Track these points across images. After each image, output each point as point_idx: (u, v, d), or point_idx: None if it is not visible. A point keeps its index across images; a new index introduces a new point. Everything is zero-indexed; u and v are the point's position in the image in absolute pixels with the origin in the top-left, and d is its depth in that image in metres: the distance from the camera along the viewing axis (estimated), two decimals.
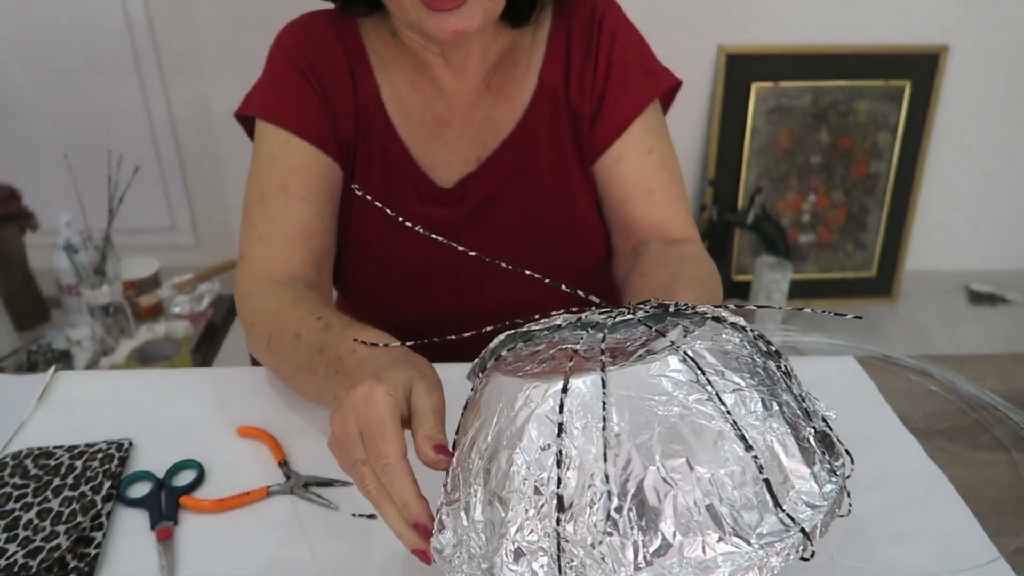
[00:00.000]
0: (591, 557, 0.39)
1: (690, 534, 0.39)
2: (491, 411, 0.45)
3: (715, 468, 0.40)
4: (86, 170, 1.54)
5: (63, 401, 0.79)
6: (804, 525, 0.40)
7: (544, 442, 0.41)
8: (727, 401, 0.41)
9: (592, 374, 0.42)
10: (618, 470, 0.39)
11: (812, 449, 0.43)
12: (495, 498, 0.43)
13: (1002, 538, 0.63)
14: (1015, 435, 0.76)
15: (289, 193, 0.82)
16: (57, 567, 0.59)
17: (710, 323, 0.47)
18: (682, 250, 0.83)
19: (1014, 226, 2.62)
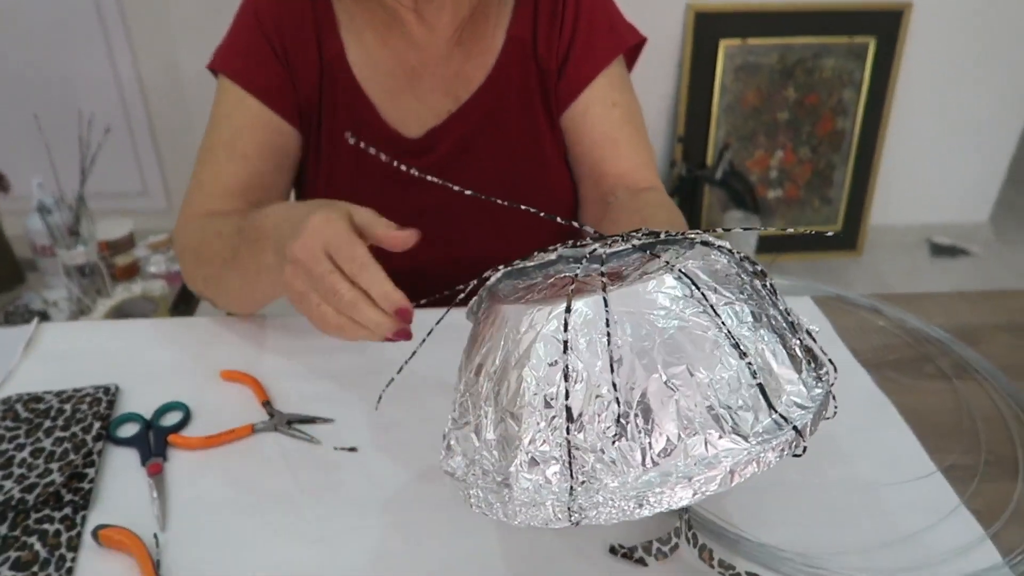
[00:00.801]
0: (601, 462, 0.42)
1: (693, 434, 0.42)
2: (497, 337, 0.48)
3: (713, 374, 0.43)
4: (56, 132, 1.53)
5: (48, 352, 0.82)
6: (796, 424, 0.43)
7: (551, 359, 0.44)
8: (721, 313, 0.45)
9: (594, 295, 0.45)
10: (623, 380, 0.43)
11: (799, 357, 0.47)
12: (507, 415, 0.46)
13: (939, 455, 0.69)
14: (956, 365, 0.81)
15: (235, 149, 0.85)
16: (53, 500, 0.62)
17: (699, 247, 0.50)
18: (649, 197, 0.86)
19: (974, 180, 2.70)
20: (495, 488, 0.46)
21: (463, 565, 0.58)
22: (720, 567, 0.57)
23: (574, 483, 0.43)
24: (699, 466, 0.41)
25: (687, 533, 0.59)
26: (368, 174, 0.91)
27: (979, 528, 0.62)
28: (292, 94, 0.87)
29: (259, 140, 0.86)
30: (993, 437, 0.72)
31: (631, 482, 0.42)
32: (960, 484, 0.66)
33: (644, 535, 0.60)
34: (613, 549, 0.60)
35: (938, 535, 0.61)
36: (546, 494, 0.43)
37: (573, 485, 0.43)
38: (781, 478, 0.66)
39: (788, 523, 0.62)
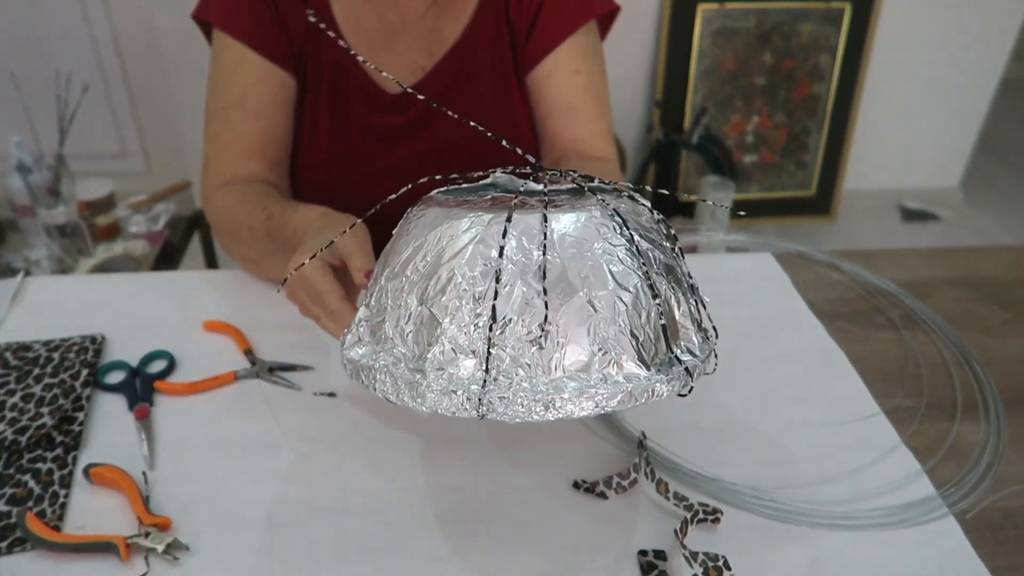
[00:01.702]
0: (516, 363, 0.45)
1: (604, 353, 0.46)
2: (432, 235, 0.50)
3: (629, 304, 0.47)
4: (33, 92, 1.53)
5: (34, 304, 0.84)
6: (687, 365, 0.48)
7: (486, 261, 0.47)
8: (643, 252, 0.49)
9: (535, 212, 0.49)
10: (550, 292, 0.46)
11: (694, 316, 0.52)
12: (433, 306, 0.47)
13: (883, 398, 0.73)
14: (906, 317, 0.86)
15: (246, 107, 0.87)
16: (44, 442, 0.65)
17: (626, 199, 0.54)
18: (597, 166, 0.89)
19: (946, 146, 2.74)
20: (407, 375, 0.47)
21: (434, 499, 0.62)
22: (675, 499, 0.61)
23: (488, 378, 0.45)
24: (605, 383, 0.45)
25: (646, 469, 0.63)
26: (346, 127, 0.93)
27: (916, 464, 0.66)
28: (286, 43, 0.89)
29: (268, 95, 0.88)
30: (936, 382, 0.76)
31: (541, 387, 0.45)
32: (902, 425, 0.70)
33: (605, 471, 0.64)
34: (576, 484, 0.64)
35: (879, 471, 0.66)
36: (459, 384, 0.45)
37: (487, 379, 0.45)
38: (734, 419, 0.71)
39: (740, 461, 0.66)
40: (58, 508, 0.60)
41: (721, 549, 0.57)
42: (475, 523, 0.60)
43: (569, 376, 0.45)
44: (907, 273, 0.93)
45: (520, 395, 0.44)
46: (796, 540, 0.59)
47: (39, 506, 0.60)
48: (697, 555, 0.56)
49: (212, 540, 0.58)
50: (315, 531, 0.59)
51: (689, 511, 0.60)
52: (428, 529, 0.60)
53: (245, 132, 0.88)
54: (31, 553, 0.57)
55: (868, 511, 0.62)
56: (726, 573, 0.55)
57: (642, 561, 0.57)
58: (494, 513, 0.61)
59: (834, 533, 0.60)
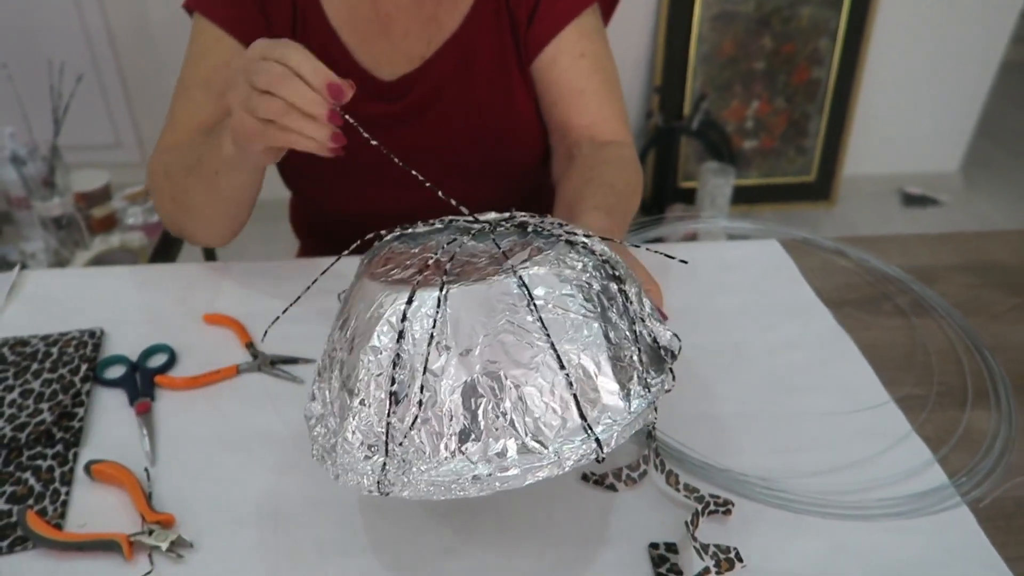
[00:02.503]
0: (412, 444, 0.46)
1: (496, 436, 0.45)
2: (354, 311, 0.51)
3: (528, 380, 0.45)
4: (26, 83, 1.51)
5: (31, 297, 0.83)
6: (600, 436, 0.46)
7: (386, 344, 0.47)
8: (548, 322, 0.47)
9: (434, 289, 0.48)
10: (442, 376, 0.46)
11: (632, 366, 0.49)
12: (344, 387, 0.50)
13: (893, 387, 0.73)
14: (914, 303, 0.85)
15: (210, 89, 0.86)
16: (44, 438, 0.65)
17: (562, 245, 0.52)
18: (607, 153, 0.87)
19: (946, 131, 2.73)
20: (328, 447, 0.50)
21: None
22: (685, 490, 0.61)
23: (388, 460, 0.46)
24: (494, 465, 0.45)
25: (655, 460, 0.62)
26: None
27: (928, 452, 0.66)
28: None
29: None
30: (945, 369, 0.75)
31: (434, 470, 0.45)
32: (912, 413, 0.70)
33: (614, 462, 0.63)
34: (585, 476, 0.63)
35: (890, 460, 0.65)
36: (363, 466, 0.47)
37: (387, 462, 0.46)
38: (743, 409, 0.70)
39: (750, 450, 0.66)
40: (59, 506, 0.59)
41: (732, 540, 0.56)
42: (482, 517, 0.60)
43: (458, 458, 0.45)
44: (913, 259, 0.92)
45: (415, 479, 0.45)
46: (808, 531, 0.59)
47: (40, 504, 0.59)
48: (708, 547, 0.55)
49: (216, 536, 0.57)
50: (321, 526, 0.58)
51: (700, 502, 0.59)
52: (435, 523, 0.59)
53: (203, 111, 0.85)
54: (32, 552, 0.56)
55: (880, 501, 0.61)
56: (738, 565, 0.55)
57: (653, 554, 0.57)
58: (502, 506, 0.60)
59: (846, 523, 0.59)
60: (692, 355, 0.76)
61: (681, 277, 0.87)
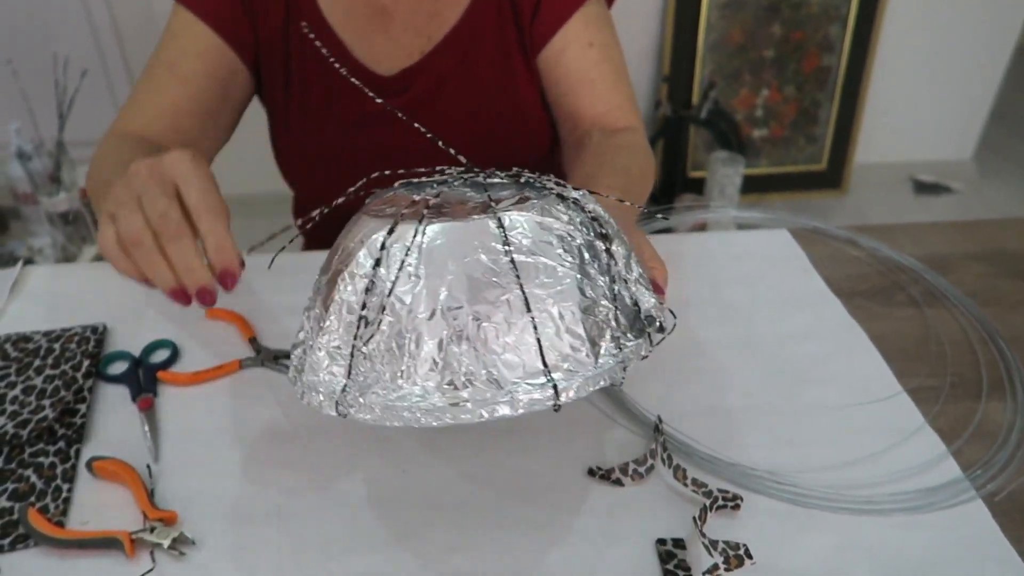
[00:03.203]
0: (373, 368, 0.46)
1: (452, 371, 0.45)
2: (344, 240, 0.52)
3: (491, 320, 0.45)
4: (31, 78, 1.51)
5: (34, 293, 0.82)
6: (558, 383, 0.45)
7: (363, 270, 0.48)
8: (521, 265, 0.46)
9: (416, 222, 0.48)
10: (409, 306, 0.46)
11: (605, 323, 0.48)
12: (323, 309, 0.50)
13: (905, 378, 0.71)
14: (927, 293, 0.83)
15: (175, 71, 0.84)
16: (46, 435, 0.64)
17: (552, 198, 0.51)
18: (620, 139, 0.86)
19: (958, 118, 2.70)
20: (300, 367, 0.51)
21: (445, 486, 0.61)
22: (693, 485, 0.60)
23: (349, 382, 0.47)
24: (449, 397, 0.45)
25: (662, 454, 0.61)
26: (338, 115, 0.90)
27: (942, 445, 0.64)
28: (249, 31, 0.86)
29: (203, 65, 0.84)
30: (959, 360, 0.74)
31: (390, 396, 0.46)
32: (925, 405, 0.68)
33: (620, 457, 0.62)
34: (591, 471, 0.62)
35: (902, 453, 0.64)
36: (326, 386, 0.48)
37: (347, 384, 0.47)
38: (752, 402, 0.69)
39: (759, 444, 0.64)
40: (61, 503, 0.59)
41: (741, 536, 0.55)
42: (488, 513, 0.59)
43: (416, 386, 0.45)
44: (926, 248, 0.90)
45: (372, 403, 0.46)
46: (818, 526, 0.58)
47: (42, 501, 0.59)
48: (717, 543, 0.54)
49: (219, 534, 0.57)
50: (325, 523, 0.58)
51: (708, 497, 0.58)
52: (441, 519, 0.58)
53: (164, 92, 0.83)
54: (34, 550, 0.56)
55: (892, 495, 0.60)
56: (747, 561, 0.54)
57: (660, 550, 0.56)
58: (507, 502, 0.60)
59: (857, 518, 0.58)
60: (700, 347, 0.75)
61: (690, 267, 0.86)
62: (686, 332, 0.77)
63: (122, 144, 0.79)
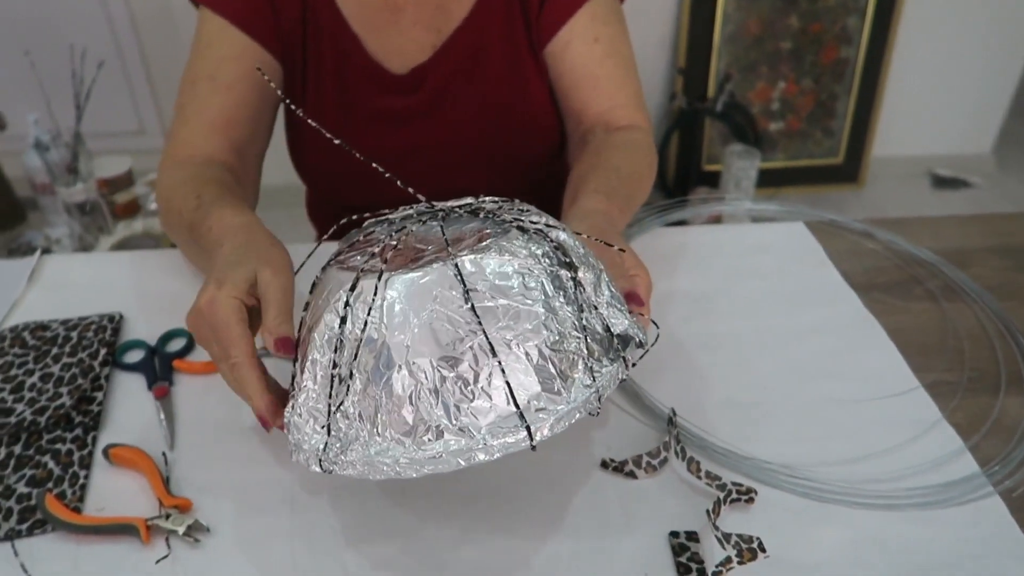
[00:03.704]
0: (351, 426, 0.47)
1: (425, 423, 0.45)
2: (316, 295, 0.53)
3: (457, 370, 0.45)
4: (49, 69, 1.52)
5: (52, 282, 0.83)
6: (531, 424, 0.45)
7: (332, 329, 0.49)
8: (481, 309, 0.46)
9: (374, 277, 0.48)
10: (375, 360, 0.46)
11: (577, 354, 0.48)
12: (300, 368, 0.51)
13: (923, 372, 0.71)
14: (945, 287, 0.82)
15: (217, 80, 0.83)
16: (63, 422, 0.65)
17: (513, 231, 0.51)
18: (619, 138, 0.85)
19: (978, 111, 2.66)
20: (290, 425, 0.52)
21: (458, 477, 0.61)
22: (707, 478, 0.59)
23: (329, 440, 0.48)
24: (426, 450, 0.45)
25: (676, 447, 0.61)
26: (353, 111, 0.90)
27: (959, 440, 0.64)
28: (272, 23, 0.85)
29: (242, 70, 0.84)
30: (978, 355, 0.73)
31: (370, 451, 0.46)
32: (943, 400, 0.68)
33: (634, 449, 0.62)
34: (604, 463, 0.62)
35: (919, 448, 0.63)
36: (309, 445, 0.49)
37: (328, 442, 0.48)
38: (767, 395, 0.68)
39: (774, 438, 0.64)
40: (78, 489, 0.59)
41: (755, 529, 0.55)
42: (500, 504, 0.59)
43: (395, 441, 0.46)
44: (944, 241, 0.89)
45: (353, 459, 0.47)
46: (833, 520, 0.57)
47: (59, 487, 0.59)
48: (730, 536, 0.54)
49: (233, 522, 0.57)
50: (337, 513, 0.58)
51: (722, 490, 0.58)
52: (452, 510, 0.58)
53: (211, 105, 0.83)
54: (52, 535, 0.56)
55: (908, 490, 0.60)
56: (761, 555, 0.53)
57: (673, 543, 0.56)
58: (520, 494, 0.60)
59: (872, 513, 0.58)
60: (715, 340, 0.74)
61: (704, 260, 0.86)
62: (700, 324, 0.76)
63: (185, 176, 0.78)
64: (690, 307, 0.78)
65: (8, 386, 0.67)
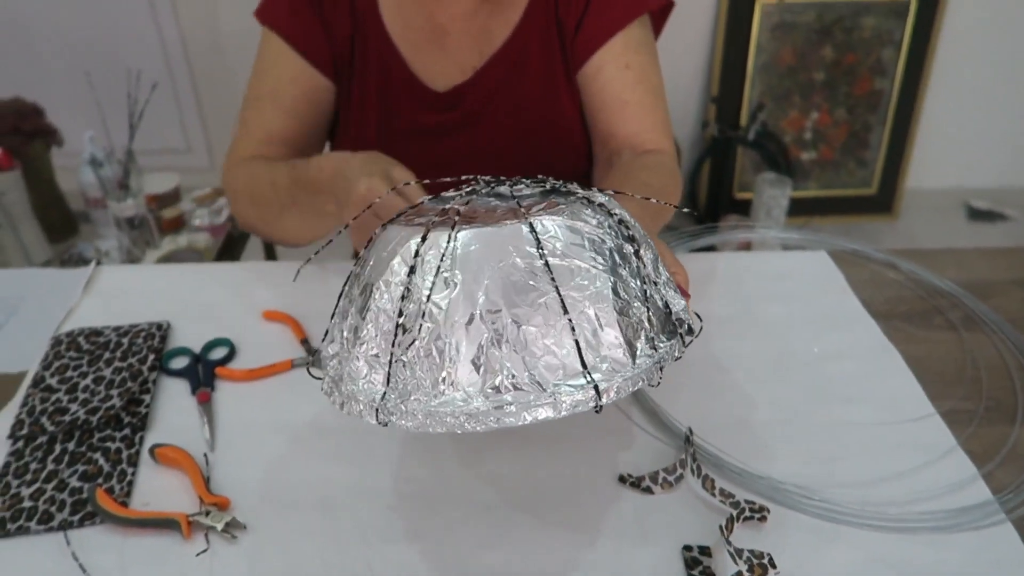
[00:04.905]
0: (413, 375, 0.47)
1: (494, 372, 0.45)
2: (376, 250, 0.53)
3: (531, 323, 0.46)
4: (106, 90, 1.60)
5: (105, 291, 0.88)
6: (599, 383, 0.46)
7: (398, 278, 0.49)
8: (556, 268, 0.47)
9: (448, 229, 0.49)
10: (447, 311, 0.46)
11: (640, 324, 0.49)
12: (356, 323, 0.51)
13: (940, 400, 0.72)
14: (966, 317, 0.83)
15: (279, 101, 0.91)
16: (114, 422, 0.69)
17: (580, 203, 0.53)
18: (647, 159, 0.88)
19: (1015, 143, 2.64)
20: (337, 378, 0.51)
21: (481, 487, 0.63)
22: (721, 496, 0.61)
23: (389, 390, 0.47)
24: (492, 401, 0.45)
25: (692, 464, 0.63)
26: (394, 126, 0.95)
27: (972, 467, 0.65)
28: (327, 46, 0.91)
29: (301, 93, 0.92)
30: (995, 384, 0.74)
31: (432, 402, 0.46)
32: (959, 427, 0.69)
33: (651, 465, 0.64)
34: (622, 478, 0.64)
35: (932, 473, 0.65)
36: (365, 395, 0.48)
37: (387, 392, 0.47)
38: (783, 416, 0.70)
39: (789, 458, 0.66)
40: (126, 485, 0.63)
41: (767, 547, 0.57)
42: (521, 513, 0.61)
43: (463, 392, 0.45)
44: (969, 273, 0.90)
45: (412, 409, 0.46)
46: (844, 541, 0.59)
47: (108, 483, 0.63)
48: (742, 552, 0.56)
49: (267, 520, 0.61)
50: (365, 515, 0.61)
51: (735, 508, 0.60)
52: (475, 517, 0.61)
53: (273, 121, 0.91)
54: (101, 527, 0.60)
55: (920, 514, 0.61)
56: (771, 571, 0.55)
57: (686, 556, 0.58)
58: (540, 504, 0.62)
59: (884, 535, 0.59)
60: (734, 361, 0.76)
61: (728, 285, 0.88)
62: (720, 346, 0.78)
63: (260, 164, 0.89)
64: (711, 329, 0.80)
65: (64, 387, 0.72)
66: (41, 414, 0.69)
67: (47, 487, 0.63)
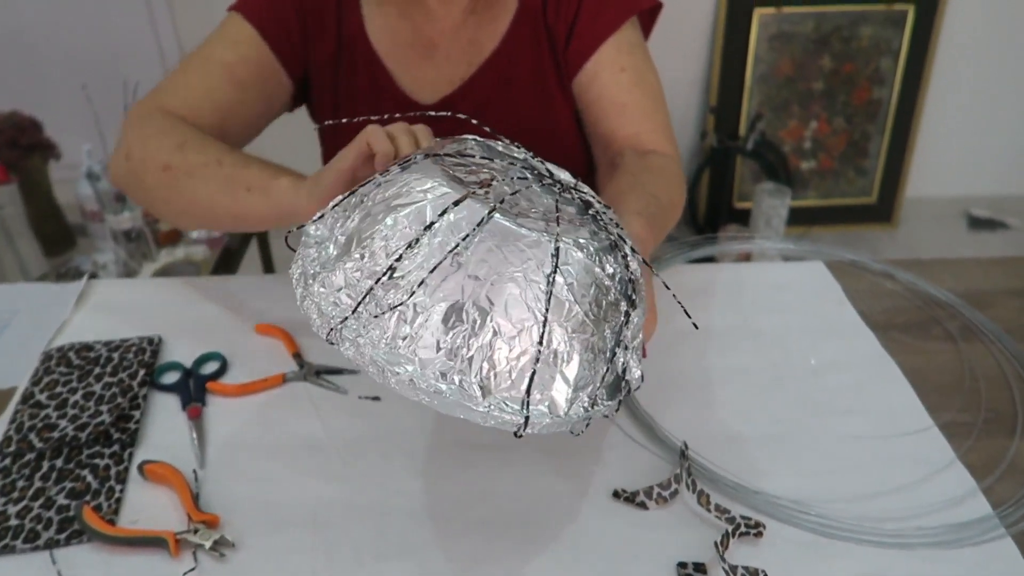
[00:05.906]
0: (382, 320, 0.47)
1: (450, 359, 0.46)
2: (403, 180, 0.52)
3: (505, 337, 0.46)
4: (103, 102, 1.59)
5: (97, 305, 0.88)
6: (529, 415, 0.47)
7: (415, 223, 0.49)
8: (554, 299, 0.47)
9: (483, 206, 0.49)
10: (440, 282, 0.47)
11: (592, 379, 0.49)
12: (356, 234, 0.51)
13: (938, 412, 0.71)
14: (964, 328, 0.83)
15: (232, 75, 0.86)
16: (103, 438, 0.68)
17: (607, 244, 0.52)
18: (652, 161, 0.87)
19: (1015, 151, 2.64)
20: (310, 273, 0.52)
21: (473, 504, 0.63)
22: (717, 511, 0.60)
23: (352, 318, 0.48)
24: (429, 382, 0.46)
25: (687, 479, 0.63)
26: None
27: (972, 481, 0.64)
28: (300, 53, 0.90)
29: (257, 76, 0.88)
30: (994, 396, 0.74)
31: (382, 351, 0.46)
32: (957, 440, 0.68)
33: (646, 480, 0.64)
34: (616, 493, 0.63)
35: (931, 487, 0.64)
36: (328, 308, 0.49)
37: (349, 318, 0.48)
38: (779, 430, 0.69)
39: (785, 473, 0.65)
40: (113, 502, 0.62)
41: (763, 563, 0.56)
42: (514, 528, 0.61)
43: (411, 360, 0.46)
44: (967, 283, 0.90)
45: (362, 346, 0.47)
46: (841, 556, 0.58)
47: (96, 500, 0.62)
48: (737, 568, 0.55)
49: (257, 537, 0.60)
50: (357, 531, 0.60)
51: (731, 524, 0.59)
52: (468, 533, 0.60)
53: (219, 89, 0.86)
54: (87, 545, 0.59)
55: (919, 529, 0.60)
56: None
57: (682, 573, 0.57)
58: (533, 519, 0.61)
59: (882, 550, 0.58)
60: (729, 374, 0.76)
61: (723, 296, 0.87)
62: (716, 359, 0.78)
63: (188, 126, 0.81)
64: (706, 342, 0.79)
65: (53, 403, 0.71)
66: (30, 430, 0.68)
67: (34, 505, 0.62)
